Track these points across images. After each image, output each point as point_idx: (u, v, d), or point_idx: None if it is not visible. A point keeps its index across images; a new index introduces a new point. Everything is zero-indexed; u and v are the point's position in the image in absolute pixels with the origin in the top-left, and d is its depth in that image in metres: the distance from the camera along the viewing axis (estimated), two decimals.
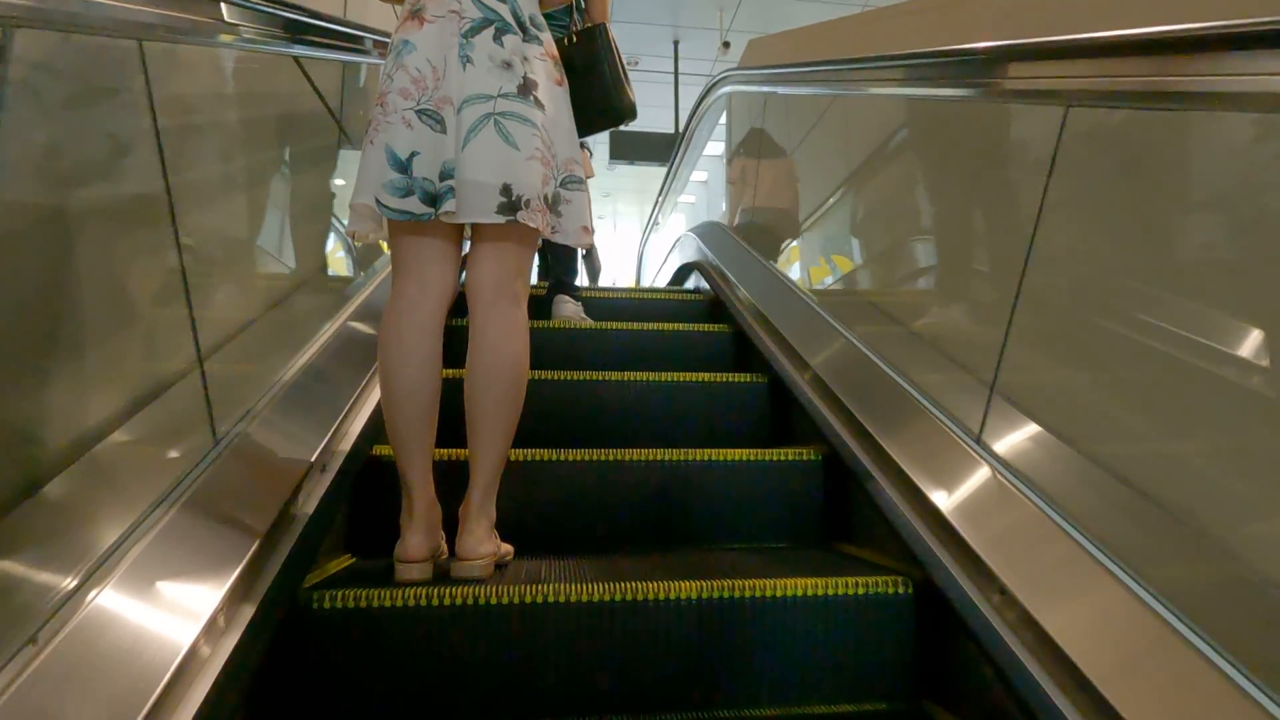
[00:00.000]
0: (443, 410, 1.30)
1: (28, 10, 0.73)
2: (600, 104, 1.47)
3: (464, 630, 1.10)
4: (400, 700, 1.08)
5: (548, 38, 1.35)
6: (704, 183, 7.73)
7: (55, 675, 0.65)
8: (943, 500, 1.18)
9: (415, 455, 1.26)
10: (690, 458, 1.61)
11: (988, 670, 0.97)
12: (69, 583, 0.73)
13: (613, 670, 1.12)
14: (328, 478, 1.33)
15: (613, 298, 3.08)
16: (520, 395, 1.29)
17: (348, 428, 1.53)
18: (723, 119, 3.95)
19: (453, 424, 1.36)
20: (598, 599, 1.12)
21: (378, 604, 1.09)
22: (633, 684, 1.12)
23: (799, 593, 1.16)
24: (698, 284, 3.66)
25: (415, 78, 1.24)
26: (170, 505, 0.92)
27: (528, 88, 1.27)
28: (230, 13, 1.28)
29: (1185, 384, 0.86)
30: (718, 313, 2.93)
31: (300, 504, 1.22)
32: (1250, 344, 0.78)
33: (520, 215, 1.23)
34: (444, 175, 1.23)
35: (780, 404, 2.02)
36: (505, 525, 1.38)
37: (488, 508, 1.28)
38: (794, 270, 2.47)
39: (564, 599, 1.12)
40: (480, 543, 1.24)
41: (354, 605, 1.09)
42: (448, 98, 1.24)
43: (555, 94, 1.33)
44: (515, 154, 1.24)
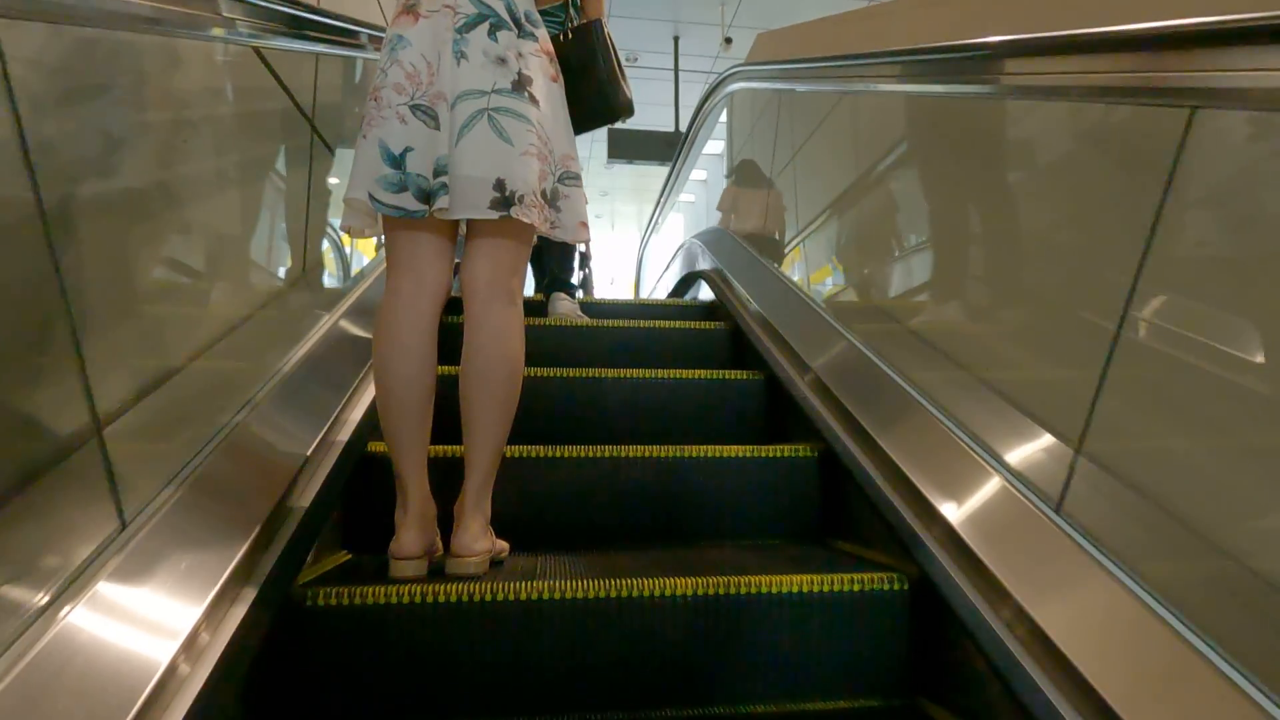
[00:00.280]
0: (438, 407, 1.29)
1: None
2: (596, 101, 1.47)
3: (459, 627, 1.10)
4: (395, 697, 1.08)
5: (543, 34, 1.35)
6: (703, 182, 7.70)
7: (48, 671, 0.65)
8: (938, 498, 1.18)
9: (410, 452, 1.25)
10: (687, 454, 1.61)
11: (982, 667, 0.97)
12: (59, 582, 0.72)
13: (608, 667, 1.12)
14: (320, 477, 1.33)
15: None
16: (516, 392, 1.29)
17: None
18: (723, 117, 3.85)
19: (448, 421, 1.35)
20: (593, 596, 1.12)
21: (372, 601, 1.09)
22: (628, 680, 1.12)
23: (795, 589, 1.16)
24: (701, 296, 3.42)
25: (409, 73, 1.24)
26: (165, 502, 0.92)
27: (522, 83, 1.27)
28: None
29: None
30: (742, 350, 2.42)
31: (294, 500, 1.21)
32: None
33: (513, 211, 1.23)
34: (438, 171, 1.23)
35: (834, 484, 1.60)
36: (500, 522, 1.37)
37: (483, 504, 1.28)
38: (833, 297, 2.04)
39: (559, 596, 1.12)
40: (475, 539, 1.24)
41: (348, 602, 1.09)
42: (442, 93, 1.24)
43: (551, 90, 1.33)
44: (509, 149, 1.24)
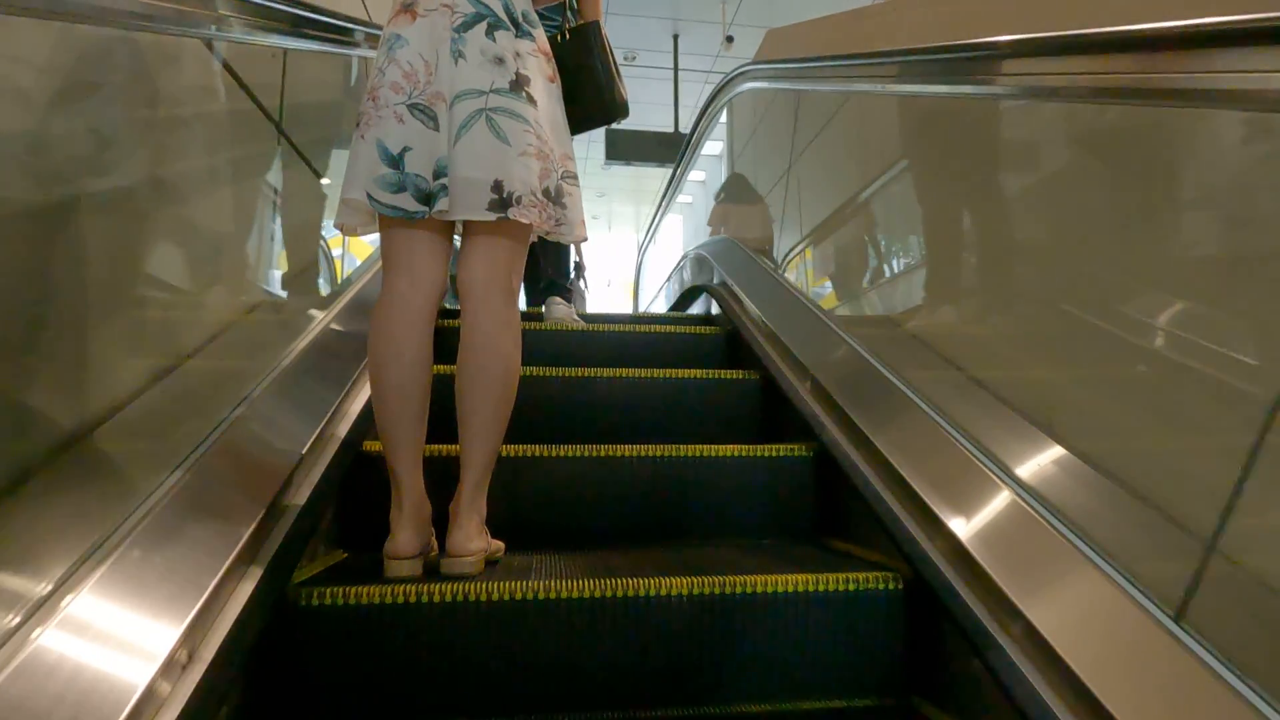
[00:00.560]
0: (433, 406, 1.29)
1: None
2: (592, 101, 1.47)
3: (454, 627, 1.10)
4: (390, 697, 1.07)
5: (540, 34, 1.35)
6: (701, 183, 7.69)
7: (38, 672, 0.65)
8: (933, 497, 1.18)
9: (405, 452, 1.25)
10: (682, 453, 1.61)
11: (977, 666, 0.97)
12: (49, 583, 0.72)
13: (603, 667, 1.11)
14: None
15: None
16: (511, 392, 1.28)
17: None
18: (723, 118, 3.76)
19: (443, 420, 1.35)
20: (588, 595, 1.12)
21: (367, 600, 1.09)
22: (624, 680, 1.12)
23: (791, 589, 1.16)
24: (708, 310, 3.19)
25: (407, 72, 1.24)
26: (159, 501, 0.92)
27: (520, 83, 1.27)
28: None
29: None
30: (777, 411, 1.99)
31: (289, 499, 1.21)
32: None
33: (511, 212, 1.23)
34: (438, 173, 1.23)
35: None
36: (496, 522, 1.37)
37: (478, 504, 1.28)
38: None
39: (554, 595, 1.12)
40: (470, 539, 1.24)
41: (343, 602, 1.09)
42: (440, 93, 1.24)
43: (548, 90, 1.33)
44: (507, 150, 1.24)
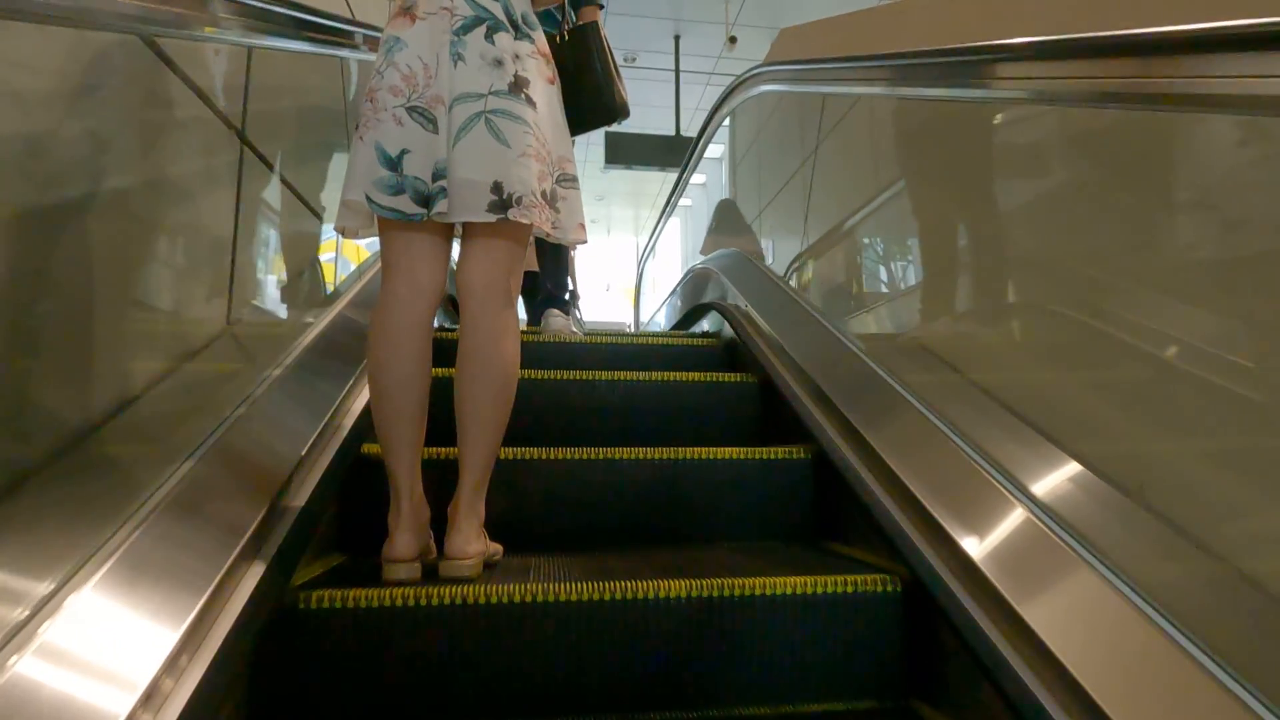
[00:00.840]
0: (432, 409, 1.29)
1: None
2: (591, 102, 1.48)
3: (453, 630, 1.10)
4: (388, 700, 1.07)
5: (539, 35, 1.35)
6: (702, 185, 7.68)
7: (31, 680, 0.65)
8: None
9: (404, 454, 1.25)
10: (681, 456, 1.61)
11: (975, 668, 0.97)
12: (50, 583, 0.72)
13: (602, 669, 1.11)
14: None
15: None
16: (510, 394, 1.28)
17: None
18: (726, 123, 3.68)
19: (442, 423, 1.35)
20: (587, 598, 1.12)
21: (366, 603, 1.09)
22: (622, 683, 1.11)
23: (789, 591, 1.15)
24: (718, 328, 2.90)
25: (406, 75, 1.24)
26: (158, 501, 0.92)
27: (519, 85, 1.27)
28: None
29: None
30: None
31: (288, 502, 1.21)
32: None
33: (510, 213, 1.23)
34: (437, 175, 1.23)
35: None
36: (494, 524, 1.37)
37: (477, 507, 1.28)
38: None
39: (553, 598, 1.12)
40: (469, 542, 1.23)
41: (342, 605, 1.09)
42: (439, 96, 1.24)
43: (548, 92, 1.33)
44: (507, 152, 1.24)
